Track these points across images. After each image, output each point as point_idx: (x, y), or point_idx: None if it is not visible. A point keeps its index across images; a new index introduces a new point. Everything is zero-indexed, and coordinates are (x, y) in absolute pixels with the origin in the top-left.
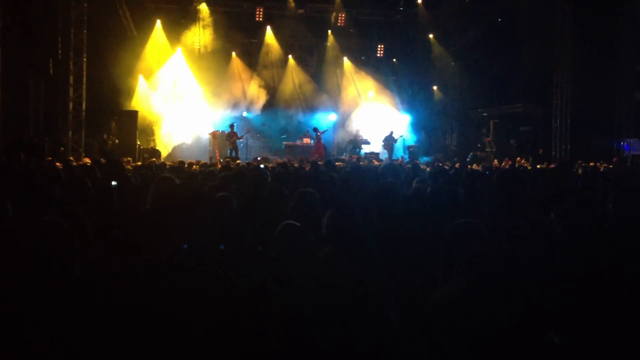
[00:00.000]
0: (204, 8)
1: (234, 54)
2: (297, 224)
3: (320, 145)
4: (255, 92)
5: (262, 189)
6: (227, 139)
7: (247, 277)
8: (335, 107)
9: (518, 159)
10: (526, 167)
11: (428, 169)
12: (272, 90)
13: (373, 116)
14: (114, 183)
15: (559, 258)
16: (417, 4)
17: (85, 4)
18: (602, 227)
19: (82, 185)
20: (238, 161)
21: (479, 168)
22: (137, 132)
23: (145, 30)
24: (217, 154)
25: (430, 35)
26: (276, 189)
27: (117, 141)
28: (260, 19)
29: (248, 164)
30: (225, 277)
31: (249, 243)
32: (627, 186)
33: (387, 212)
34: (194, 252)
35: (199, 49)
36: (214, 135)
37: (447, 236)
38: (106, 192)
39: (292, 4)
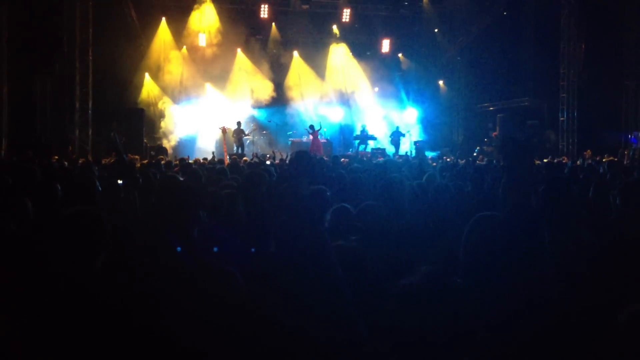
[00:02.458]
0: (208, 5)
1: (239, 50)
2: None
3: (317, 143)
4: (261, 88)
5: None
6: (234, 135)
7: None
8: (341, 103)
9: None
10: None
11: (434, 164)
12: (277, 87)
13: (379, 112)
14: (120, 182)
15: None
16: None
17: (91, 2)
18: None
19: (89, 185)
20: (245, 158)
21: (483, 162)
22: (144, 129)
23: (150, 27)
24: (225, 151)
25: (436, 30)
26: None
27: (123, 139)
28: (265, 16)
29: (255, 155)
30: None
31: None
32: (634, 179)
33: (393, 207)
34: (186, 253)
35: (204, 46)
36: (223, 130)
37: (469, 229)
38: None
39: (297, 0)
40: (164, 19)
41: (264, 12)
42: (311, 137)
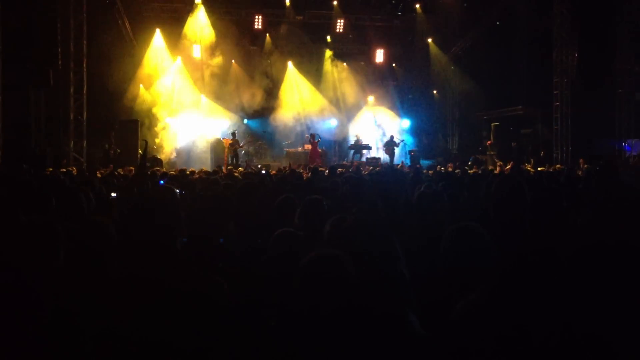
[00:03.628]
0: (203, 16)
1: (233, 61)
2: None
3: (316, 152)
4: (255, 99)
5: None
6: (229, 146)
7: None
8: (335, 113)
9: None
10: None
11: (431, 172)
12: (271, 97)
13: (373, 121)
14: (113, 194)
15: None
16: (415, 9)
17: (85, 14)
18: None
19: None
20: (240, 168)
21: (479, 171)
22: (139, 141)
23: (144, 39)
24: (226, 162)
25: (429, 40)
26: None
27: (118, 151)
28: (260, 26)
29: (248, 164)
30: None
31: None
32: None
33: (390, 215)
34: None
35: (198, 57)
36: (226, 142)
37: (446, 240)
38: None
39: (291, 11)
40: (158, 29)
41: (258, 22)
42: (310, 146)
